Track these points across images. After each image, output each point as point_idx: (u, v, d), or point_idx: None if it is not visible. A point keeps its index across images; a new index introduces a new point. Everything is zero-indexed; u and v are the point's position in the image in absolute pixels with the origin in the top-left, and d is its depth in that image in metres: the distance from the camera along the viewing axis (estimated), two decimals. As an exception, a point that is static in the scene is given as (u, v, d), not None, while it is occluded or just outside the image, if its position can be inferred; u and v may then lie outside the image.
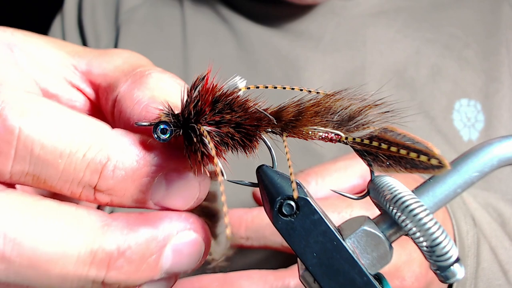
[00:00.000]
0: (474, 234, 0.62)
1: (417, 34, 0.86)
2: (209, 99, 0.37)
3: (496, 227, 0.64)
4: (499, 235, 0.64)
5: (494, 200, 0.70)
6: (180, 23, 0.91)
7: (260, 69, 0.86)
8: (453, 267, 0.34)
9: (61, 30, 0.98)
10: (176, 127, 0.37)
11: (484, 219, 0.65)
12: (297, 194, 0.35)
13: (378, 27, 0.86)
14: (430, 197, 0.36)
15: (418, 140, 0.36)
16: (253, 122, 0.38)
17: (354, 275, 0.35)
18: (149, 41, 0.91)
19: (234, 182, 0.40)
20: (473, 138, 0.82)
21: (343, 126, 0.39)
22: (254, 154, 0.40)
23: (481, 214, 0.65)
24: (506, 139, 0.37)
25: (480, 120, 0.83)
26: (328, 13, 0.86)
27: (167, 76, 0.40)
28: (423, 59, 0.85)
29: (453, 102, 0.83)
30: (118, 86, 0.39)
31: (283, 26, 0.87)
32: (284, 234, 0.35)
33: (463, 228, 0.62)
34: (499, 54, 0.85)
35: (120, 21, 0.92)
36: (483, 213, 0.66)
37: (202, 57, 0.88)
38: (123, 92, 0.38)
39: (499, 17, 0.87)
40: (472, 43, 0.86)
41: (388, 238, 0.36)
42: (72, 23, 0.97)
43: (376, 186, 0.37)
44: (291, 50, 0.86)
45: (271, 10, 0.88)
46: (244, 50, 0.87)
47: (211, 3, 0.91)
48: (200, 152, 0.35)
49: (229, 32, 0.89)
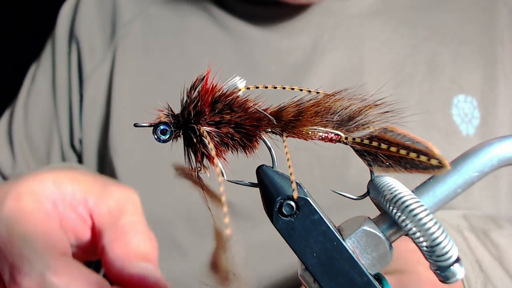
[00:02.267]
0: (482, 281, 0.62)
1: (413, 32, 0.86)
2: (209, 100, 0.37)
3: (496, 265, 0.65)
4: (500, 274, 0.64)
5: (490, 225, 0.70)
6: (177, 32, 0.91)
7: (259, 70, 0.86)
8: (453, 267, 0.34)
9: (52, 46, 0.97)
10: (176, 128, 0.37)
11: (486, 259, 0.65)
12: (297, 194, 0.35)
13: (375, 26, 0.87)
14: (430, 197, 0.36)
15: (418, 140, 0.36)
16: (253, 122, 0.38)
17: (354, 275, 0.35)
18: (147, 52, 0.91)
19: (234, 182, 0.40)
20: (470, 133, 0.82)
21: (343, 126, 0.39)
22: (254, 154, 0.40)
23: (483, 254, 0.65)
24: (506, 139, 0.37)
25: (476, 116, 0.83)
26: (325, 13, 0.87)
27: (139, 230, 0.51)
28: (420, 56, 0.85)
29: (451, 98, 0.83)
30: (104, 236, 0.51)
31: (280, 27, 0.87)
32: (284, 234, 0.35)
33: (471, 278, 0.62)
34: (495, 52, 0.86)
35: (117, 36, 0.92)
36: (484, 252, 0.65)
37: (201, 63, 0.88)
38: (106, 245, 0.50)
39: (494, 16, 0.88)
40: (468, 41, 0.86)
41: (388, 238, 0.36)
42: (64, 36, 0.96)
43: (376, 186, 0.37)
44: (289, 50, 0.86)
45: (267, 11, 0.87)
46: (243, 53, 0.87)
47: (207, 8, 0.91)
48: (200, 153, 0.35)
49: (227, 36, 0.89)
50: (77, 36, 0.94)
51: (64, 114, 0.93)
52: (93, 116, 0.91)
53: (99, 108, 0.91)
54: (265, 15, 0.88)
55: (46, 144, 0.94)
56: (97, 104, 0.91)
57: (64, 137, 0.93)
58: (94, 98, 0.91)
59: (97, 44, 0.93)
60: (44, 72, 0.96)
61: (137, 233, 0.51)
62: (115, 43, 0.91)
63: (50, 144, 0.93)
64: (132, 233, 0.51)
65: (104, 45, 0.92)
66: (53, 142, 0.93)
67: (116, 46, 0.91)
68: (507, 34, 0.87)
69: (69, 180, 0.54)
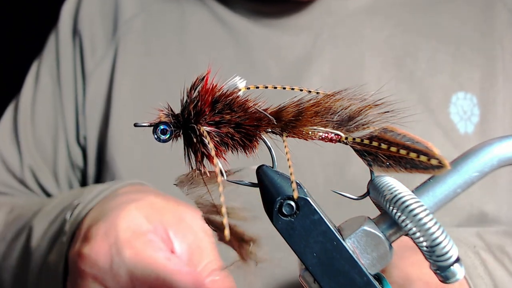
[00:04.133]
0: None
1: (413, 29, 0.87)
2: (209, 100, 0.37)
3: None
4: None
5: (505, 239, 0.70)
6: (178, 29, 0.91)
7: (259, 67, 0.87)
8: (453, 267, 0.34)
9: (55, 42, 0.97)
10: (176, 128, 0.37)
11: (505, 279, 0.64)
12: (297, 194, 0.35)
13: (375, 24, 0.87)
14: (430, 197, 0.36)
15: (418, 140, 0.36)
16: (253, 122, 0.38)
17: (354, 275, 0.35)
18: (148, 49, 0.91)
19: (234, 182, 0.40)
20: (469, 131, 0.82)
21: (343, 126, 0.39)
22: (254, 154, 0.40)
23: (502, 275, 0.65)
24: (506, 139, 0.37)
25: (476, 113, 0.83)
26: (325, 11, 0.87)
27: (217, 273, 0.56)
28: (420, 53, 0.86)
29: (450, 95, 0.84)
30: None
31: (281, 24, 0.87)
32: (284, 234, 0.35)
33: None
34: (494, 50, 0.86)
35: (119, 34, 0.92)
36: (503, 273, 0.65)
37: (202, 61, 0.88)
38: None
39: (493, 15, 0.88)
40: (467, 40, 0.87)
41: (388, 238, 0.36)
42: (68, 32, 0.96)
43: (376, 186, 0.37)
44: (290, 47, 0.87)
45: (268, 8, 0.88)
46: (243, 49, 0.88)
47: (208, 5, 0.91)
48: (200, 153, 0.35)
49: (227, 33, 0.89)
50: (80, 31, 0.94)
51: (70, 110, 0.93)
52: (94, 113, 0.91)
53: (100, 105, 0.91)
54: (266, 12, 0.88)
55: (52, 141, 0.93)
56: (98, 101, 0.91)
57: (69, 134, 0.93)
58: (95, 95, 0.91)
59: (99, 41, 0.93)
60: (48, 68, 0.96)
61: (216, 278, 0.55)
62: (116, 40, 0.91)
63: (56, 141, 0.93)
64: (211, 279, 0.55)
65: (105, 42, 0.93)
66: (59, 139, 0.93)
67: (118, 43, 0.91)
68: (506, 33, 0.87)
69: (152, 212, 0.58)
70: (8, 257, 0.76)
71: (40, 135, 0.94)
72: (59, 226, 0.68)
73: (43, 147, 0.94)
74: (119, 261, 0.53)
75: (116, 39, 0.91)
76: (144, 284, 0.52)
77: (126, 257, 0.53)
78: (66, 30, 0.96)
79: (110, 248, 0.54)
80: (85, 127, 0.91)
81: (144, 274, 0.52)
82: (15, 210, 0.83)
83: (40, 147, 0.94)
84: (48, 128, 0.94)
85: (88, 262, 0.55)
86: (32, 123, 0.95)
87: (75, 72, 0.94)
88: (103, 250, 0.54)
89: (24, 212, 0.79)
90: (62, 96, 0.93)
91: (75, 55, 0.94)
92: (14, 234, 0.77)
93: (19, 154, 0.93)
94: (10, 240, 0.77)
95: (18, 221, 0.78)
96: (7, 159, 0.94)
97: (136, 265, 0.53)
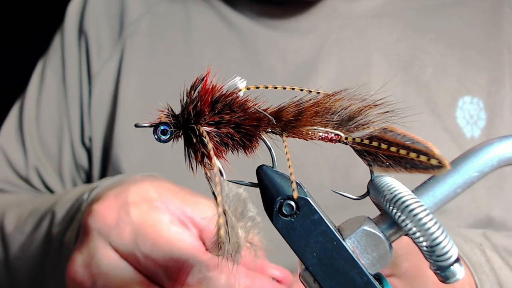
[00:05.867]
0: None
1: (420, 33, 0.87)
2: (209, 100, 0.37)
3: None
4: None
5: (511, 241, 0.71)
6: (184, 30, 0.91)
7: (265, 68, 0.86)
8: (453, 267, 0.34)
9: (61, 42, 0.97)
10: (176, 128, 0.37)
11: (510, 279, 0.65)
12: (297, 194, 0.35)
13: (382, 27, 0.87)
14: (430, 197, 0.36)
15: (418, 140, 0.36)
16: (253, 122, 0.38)
17: (354, 275, 0.35)
18: (154, 50, 0.91)
19: (234, 182, 0.40)
20: (476, 135, 0.82)
21: (343, 126, 0.39)
22: (254, 154, 0.40)
23: (506, 274, 0.65)
24: (506, 139, 0.37)
25: (482, 118, 0.83)
26: (332, 14, 0.87)
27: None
28: (427, 57, 0.85)
29: (457, 99, 0.83)
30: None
31: (287, 26, 0.87)
32: (284, 234, 0.35)
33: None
34: (501, 54, 0.86)
35: (125, 34, 0.92)
36: (508, 273, 0.65)
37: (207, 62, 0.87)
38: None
39: (500, 19, 0.88)
40: (473, 44, 0.86)
41: (388, 238, 0.36)
42: (74, 32, 0.96)
43: (376, 186, 0.37)
44: (296, 49, 0.86)
45: (275, 9, 0.88)
46: (249, 51, 0.87)
47: (214, 6, 0.91)
48: (200, 153, 0.35)
49: (234, 34, 0.89)
50: (85, 32, 0.94)
51: (75, 111, 0.93)
52: (100, 114, 0.91)
53: (106, 105, 0.91)
54: (271, 13, 0.88)
55: (57, 141, 0.93)
56: (104, 101, 0.91)
57: (74, 134, 0.93)
58: (101, 95, 0.91)
59: (105, 42, 0.93)
60: (53, 68, 0.96)
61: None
62: (122, 40, 0.92)
63: (61, 142, 0.93)
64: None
65: (111, 42, 0.92)
66: (64, 140, 0.93)
67: (124, 43, 0.91)
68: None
69: (166, 191, 0.59)
70: (28, 247, 0.77)
71: (45, 135, 0.94)
72: (76, 208, 0.69)
73: (48, 147, 0.94)
74: (126, 219, 0.55)
75: (122, 39, 0.92)
76: (147, 243, 0.54)
77: (132, 216, 0.55)
78: (71, 30, 0.96)
79: (118, 206, 0.57)
80: (91, 127, 0.91)
81: (148, 233, 0.54)
82: (28, 205, 0.83)
83: (45, 147, 0.94)
84: (53, 128, 0.94)
85: (95, 217, 0.57)
86: (37, 123, 0.95)
87: (80, 73, 0.94)
88: (112, 207, 0.57)
89: (40, 205, 0.80)
90: (67, 97, 0.93)
91: (81, 55, 0.94)
92: (34, 226, 0.77)
93: (24, 154, 0.94)
94: (30, 232, 0.77)
95: (36, 213, 0.78)
96: (12, 158, 0.94)
97: (141, 224, 0.55)
